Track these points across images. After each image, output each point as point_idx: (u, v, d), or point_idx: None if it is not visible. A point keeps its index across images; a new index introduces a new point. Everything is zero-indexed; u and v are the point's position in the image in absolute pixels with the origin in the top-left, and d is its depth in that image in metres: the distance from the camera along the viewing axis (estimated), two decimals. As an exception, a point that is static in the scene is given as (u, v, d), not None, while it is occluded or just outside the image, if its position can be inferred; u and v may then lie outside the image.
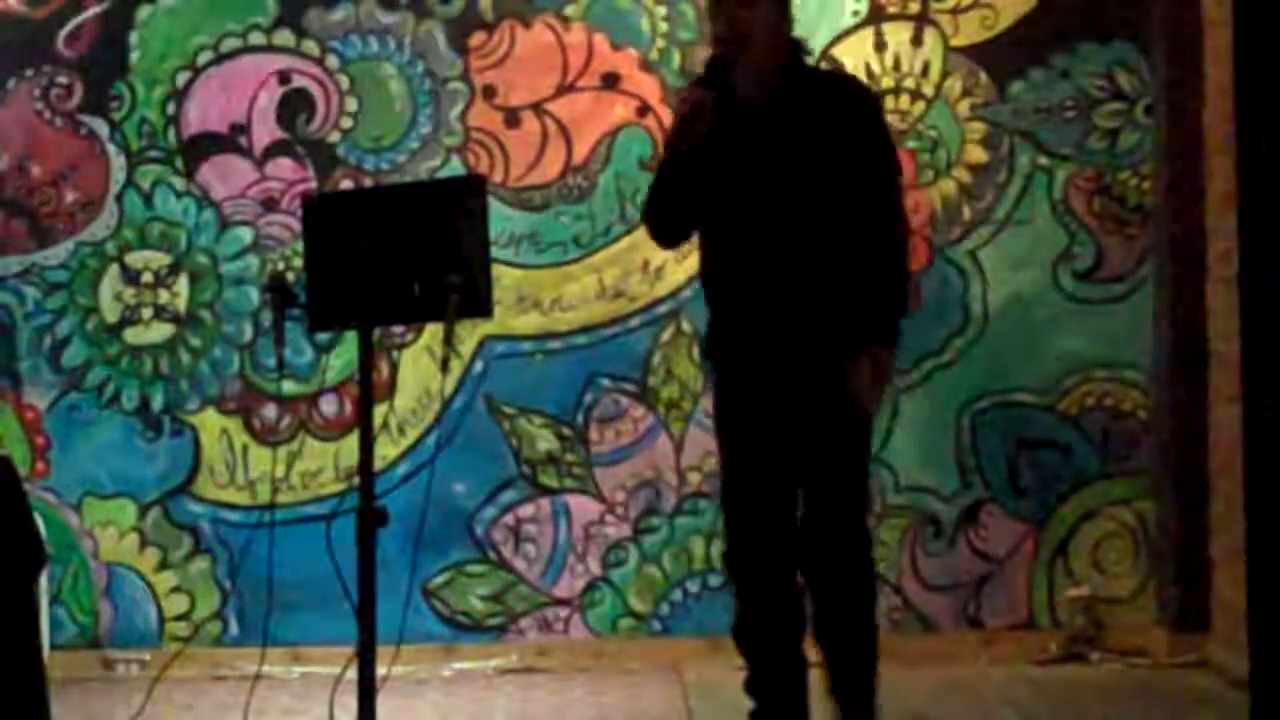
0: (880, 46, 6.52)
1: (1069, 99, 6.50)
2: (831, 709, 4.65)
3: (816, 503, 4.57)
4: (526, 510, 6.57)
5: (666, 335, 6.55)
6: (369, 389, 4.05)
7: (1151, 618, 6.42)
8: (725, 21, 4.51)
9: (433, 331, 6.42)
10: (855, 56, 6.51)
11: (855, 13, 6.53)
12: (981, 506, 6.48)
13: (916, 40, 6.52)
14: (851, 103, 4.56)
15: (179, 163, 6.62)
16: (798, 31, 4.70)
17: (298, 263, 6.32)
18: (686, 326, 6.53)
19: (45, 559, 4.35)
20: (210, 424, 6.60)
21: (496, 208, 6.28)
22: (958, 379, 6.49)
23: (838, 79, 5.02)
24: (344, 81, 6.62)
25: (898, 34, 6.52)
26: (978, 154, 6.51)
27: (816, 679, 4.69)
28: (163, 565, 6.60)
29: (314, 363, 6.54)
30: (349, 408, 6.53)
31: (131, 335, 6.62)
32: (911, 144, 6.50)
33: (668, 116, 6.49)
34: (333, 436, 6.58)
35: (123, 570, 6.60)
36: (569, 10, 6.57)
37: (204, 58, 6.63)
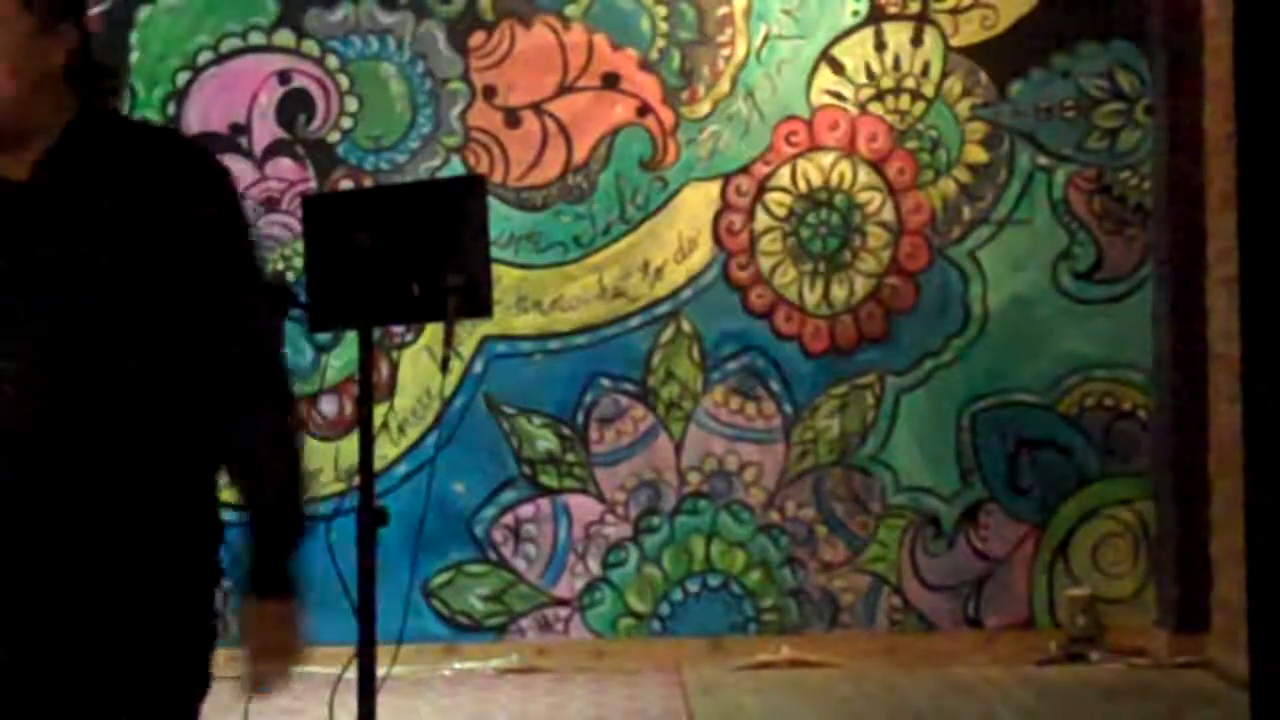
0: (880, 46, 6.52)
1: (1069, 99, 6.50)
2: None
3: None
4: (526, 510, 6.57)
5: (666, 335, 6.55)
6: (369, 389, 4.05)
7: (1151, 618, 6.42)
8: None
9: (433, 331, 6.42)
10: (855, 56, 6.51)
11: (855, 13, 6.52)
12: (981, 506, 6.48)
13: (916, 40, 6.52)
14: (184, 180, 2.77)
15: (179, 163, 6.61)
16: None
17: (298, 263, 6.32)
18: (686, 326, 6.53)
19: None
20: (210, 424, 6.59)
21: (496, 208, 6.27)
22: (958, 379, 6.49)
23: (164, 139, 2.93)
24: (344, 81, 6.63)
25: (898, 34, 6.52)
26: (978, 154, 6.51)
27: None
28: (163, 565, 6.59)
29: (314, 363, 6.53)
30: (349, 408, 6.52)
31: (131, 335, 6.60)
32: (911, 144, 6.51)
33: (668, 116, 6.50)
34: (333, 436, 6.57)
35: (123, 570, 6.59)
36: (569, 10, 6.56)
37: (204, 58, 6.63)
